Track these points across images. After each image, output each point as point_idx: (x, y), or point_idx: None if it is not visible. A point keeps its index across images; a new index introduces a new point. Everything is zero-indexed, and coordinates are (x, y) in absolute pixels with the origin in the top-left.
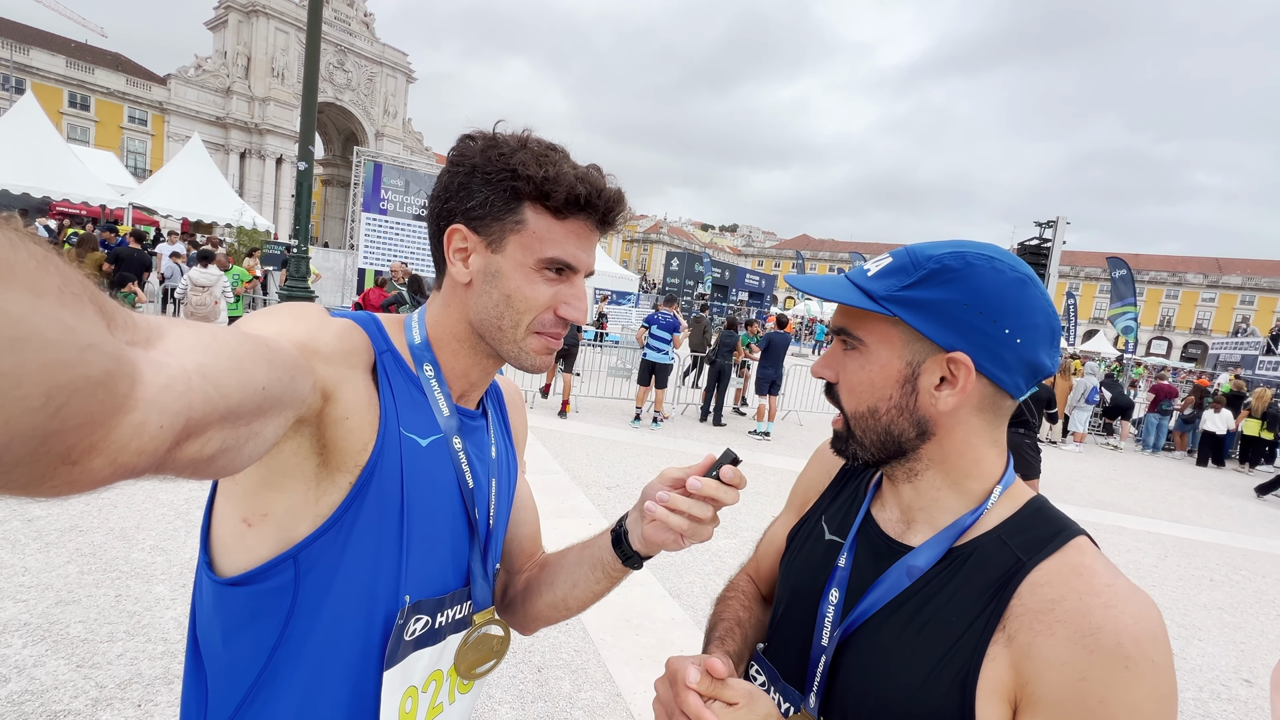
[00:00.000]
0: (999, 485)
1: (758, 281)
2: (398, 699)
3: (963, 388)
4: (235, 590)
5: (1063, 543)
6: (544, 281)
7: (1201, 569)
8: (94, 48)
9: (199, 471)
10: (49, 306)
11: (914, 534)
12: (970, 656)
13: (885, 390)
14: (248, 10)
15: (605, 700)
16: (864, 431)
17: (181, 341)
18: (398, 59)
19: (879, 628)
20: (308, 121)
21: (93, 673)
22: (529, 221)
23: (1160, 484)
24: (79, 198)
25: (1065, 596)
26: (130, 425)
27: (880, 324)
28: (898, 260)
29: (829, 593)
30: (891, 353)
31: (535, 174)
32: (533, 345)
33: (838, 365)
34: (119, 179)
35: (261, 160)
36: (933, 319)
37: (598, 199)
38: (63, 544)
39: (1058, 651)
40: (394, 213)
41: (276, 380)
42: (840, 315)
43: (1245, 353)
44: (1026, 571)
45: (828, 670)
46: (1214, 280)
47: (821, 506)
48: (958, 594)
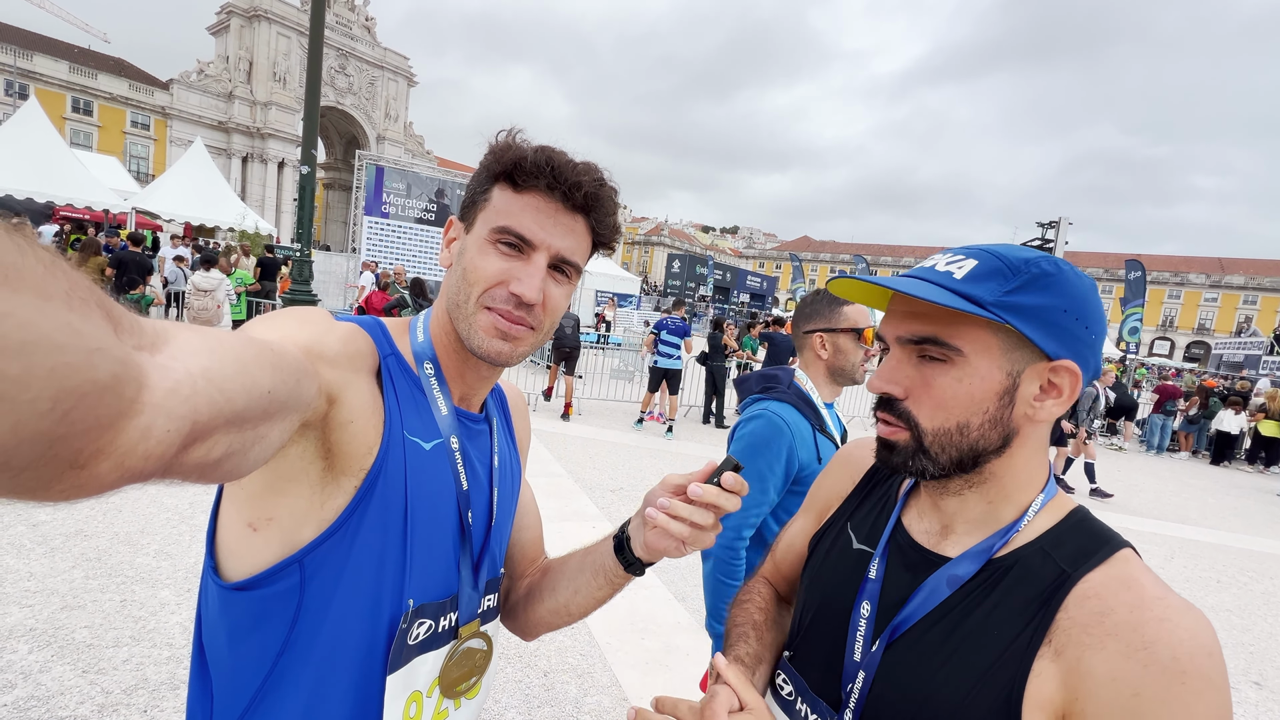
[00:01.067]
0: (1041, 495)
1: (759, 283)
2: (401, 703)
3: (1070, 397)
4: (240, 595)
5: (1108, 554)
6: (496, 254)
7: (1209, 570)
8: (97, 53)
9: (205, 476)
10: (57, 311)
11: (950, 544)
12: (1016, 670)
13: (983, 404)
14: (249, 15)
15: (611, 704)
16: (944, 448)
17: (187, 346)
18: (399, 63)
19: (918, 641)
20: (310, 125)
21: (98, 678)
22: (493, 197)
23: (1165, 485)
24: (82, 202)
25: (1115, 609)
26: (137, 429)
27: (979, 332)
28: (985, 263)
29: (859, 605)
30: (992, 363)
31: (502, 153)
32: (481, 322)
33: (909, 378)
34: (122, 183)
35: (263, 164)
36: (1040, 326)
37: (545, 165)
38: (68, 549)
39: (1109, 666)
40: (396, 216)
41: (282, 384)
42: (922, 322)
43: (1249, 353)
44: (1073, 584)
45: (867, 688)
46: (1216, 280)
47: (846, 513)
48: (1001, 605)
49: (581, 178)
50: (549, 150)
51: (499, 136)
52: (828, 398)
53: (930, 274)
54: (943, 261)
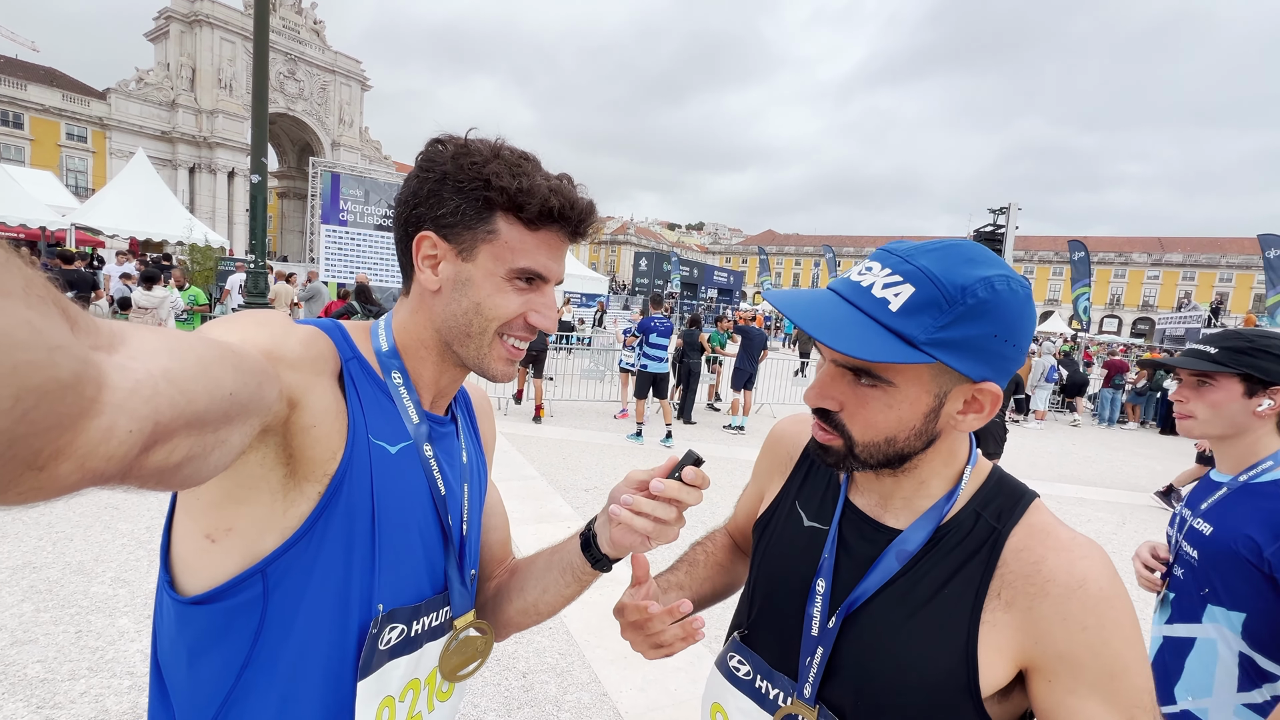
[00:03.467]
0: (969, 465)
1: (726, 278)
2: (373, 710)
3: (990, 412)
4: (199, 609)
5: (1025, 507)
6: (514, 291)
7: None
8: (25, 63)
9: (164, 481)
10: (16, 308)
11: (892, 515)
12: (969, 622)
13: (910, 423)
14: (190, 20)
15: (591, 700)
16: (871, 455)
17: (145, 346)
18: (351, 67)
19: (874, 612)
20: (259, 133)
21: (54, 713)
22: (501, 232)
23: (1116, 455)
24: (16, 220)
25: (1045, 557)
26: (98, 430)
27: (911, 365)
28: (923, 291)
29: (815, 582)
30: (921, 389)
31: (509, 185)
32: (498, 352)
33: (844, 394)
34: (59, 199)
35: (212, 174)
36: (968, 355)
37: (570, 211)
38: (15, 582)
39: (1057, 607)
40: (354, 223)
41: (243, 386)
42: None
43: (1189, 325)
44: (1005, 537)
45: (825, 661)
46: (1158, 259)
47: (792, 491)
48: (947, 568)
49: (588, 215)
50: (565, 191)
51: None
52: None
53: (864, 300)
54: (880, 284)
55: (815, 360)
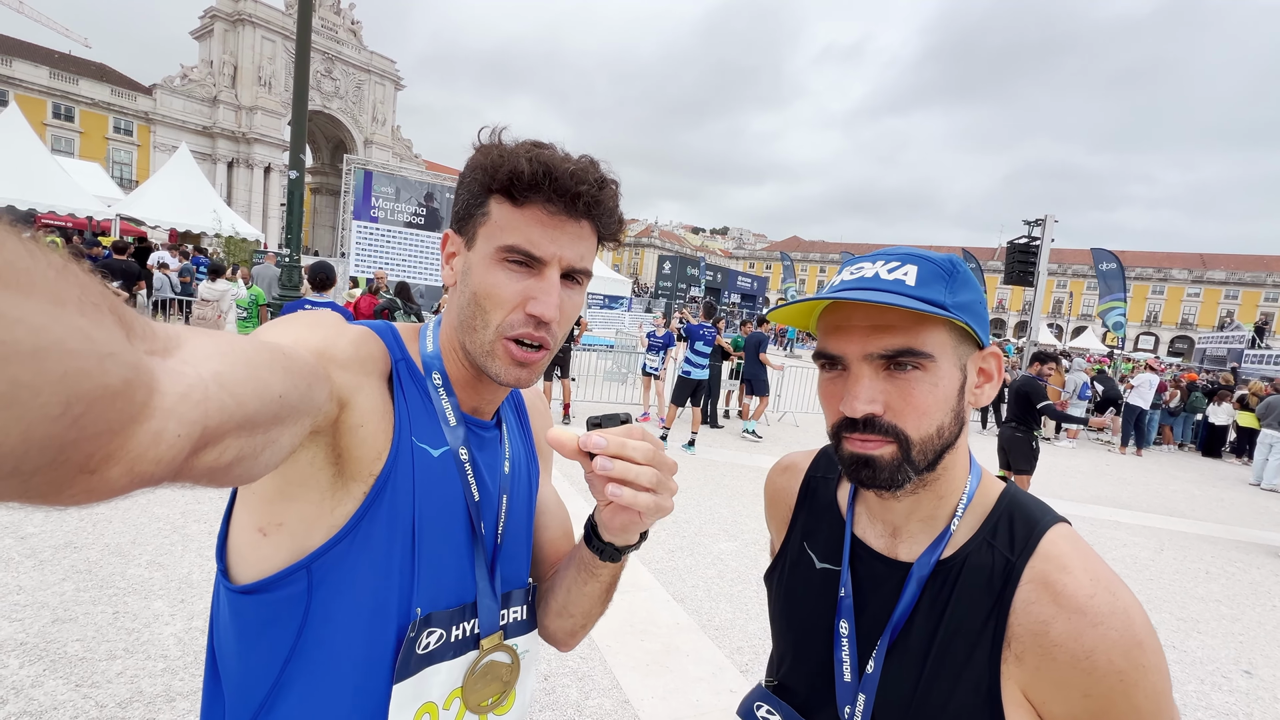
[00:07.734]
0: (970, 478)
1: (750, 284)
2: (411, 713)
3: (999, 378)
4: (249, 598)
5: (1040, 537)
6: (505, 272)
7: (1197, 561)
8: (78, 58)
9: (215, 480)
10: (70, 316)
11: (903, 546)
12: (988, 669)
13: (950, 403)
14: (233, 19)
15: (613, 707)
16: (925, 454)
17: (199, 350)
18: (385, 66)
19: (903, 652)
20: (298, 130)
21: (92, 692)
22: (492, 212)
23: (1153, 478)
24: (65, 209)
25: (1054, 619)
26: (148, 434)
27: (940, 334)
28: (924, 268)
29: (839, 624)
30: (950, 362)
31: (485, 161)
32: (500, 352)
33: (885, 392)
34: (105, 190)
35: (249, 169)
36: (974, 319)
37: (544, 178)
38: (57, 561)
39: (1061, 675)
40: (385, 220)
41: (293, 388)
42: (892, 335)
43: (1231, 345)
44: (1018, 576)
45: (870, 708)
46: (1198, 276)
47: (798, 535)
48: (961, 603)
49: (580, 186)
50: (544, 157)
51: (481, 134)
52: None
53: (881, 284)
54: (883, 270)
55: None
